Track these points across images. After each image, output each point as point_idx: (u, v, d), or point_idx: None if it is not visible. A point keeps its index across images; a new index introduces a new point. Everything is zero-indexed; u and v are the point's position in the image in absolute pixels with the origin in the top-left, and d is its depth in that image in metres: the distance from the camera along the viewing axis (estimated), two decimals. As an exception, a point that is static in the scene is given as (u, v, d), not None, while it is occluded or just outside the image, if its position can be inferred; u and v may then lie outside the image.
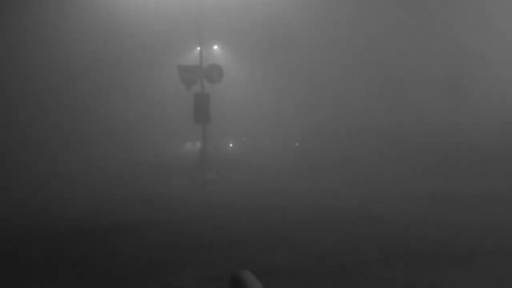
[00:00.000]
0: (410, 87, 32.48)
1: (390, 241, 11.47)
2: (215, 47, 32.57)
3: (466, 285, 8.62)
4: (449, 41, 32.45)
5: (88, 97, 34.75)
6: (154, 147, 33.91)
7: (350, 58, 34.40)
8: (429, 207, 15.51)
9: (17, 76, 33.15)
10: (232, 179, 23.78)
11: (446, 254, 10.30)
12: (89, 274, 9.84)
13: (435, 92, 31.53)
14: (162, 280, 9.33)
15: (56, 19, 32.82)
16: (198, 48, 25.06)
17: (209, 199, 18.99)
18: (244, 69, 34.76)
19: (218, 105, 26.82)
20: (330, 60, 34.72)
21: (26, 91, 33.04)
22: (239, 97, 34.94)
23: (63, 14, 32.85)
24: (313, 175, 24.59)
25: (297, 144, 34.43)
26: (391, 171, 24.09)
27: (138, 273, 9.79)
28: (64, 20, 32.93)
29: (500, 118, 27.42)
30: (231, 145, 36.50)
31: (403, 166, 24.99)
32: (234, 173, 25.17)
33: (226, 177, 23.92)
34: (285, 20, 33.91)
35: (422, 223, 13.25)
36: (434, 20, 32.70)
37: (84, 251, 11.66)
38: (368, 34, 33.91)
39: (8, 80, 32.75)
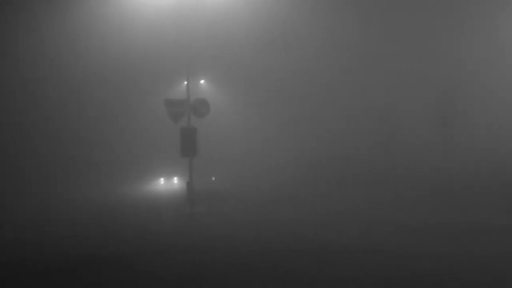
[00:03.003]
0: (402, 124, 33.15)
1: (384, 273, 11.55)
2: (202, 81, 32.88)
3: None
4: (442, 77, 33.23)
5: (76, 131, 34.69)
6: (139, 180, 33.84)
7: (341, 91, 34.96)
8: (424, 239, 15.62)
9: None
10: (221, 211, 23.75)
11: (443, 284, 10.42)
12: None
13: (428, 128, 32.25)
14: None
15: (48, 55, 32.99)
16: (185, 83, 25.19)
17: (197, 230, 18.99)
18: (231, 103, 35.02)
19: (205, 139, 26.92)
20: (318, 93, 35.24)
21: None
22: (226, 131, 35.12)
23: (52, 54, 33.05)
24: (302, 205, 24.65)
25: (213, 178, 34.62)
26: (385, 203, 24.19)
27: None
28: (53, 57, 33.13)
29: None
30: (213, 178, 36.34)
31: (397, 198, 25.18)
32: (223, 205, 25.13)
33: (215, 209, 23.86)
34: (272, 54, 34.43)
35: (417, 254, 13.37)
36: (426, 57, 33.49)
37: (74, 283, 11.64)
38: (359, 72, 34.55)
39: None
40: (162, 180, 35.73)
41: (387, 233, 16.91)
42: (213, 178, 35.90)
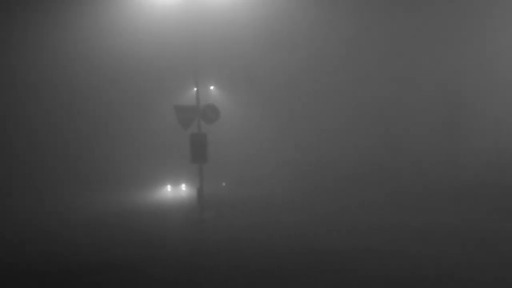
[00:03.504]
0: (405, 123, 33.18)
1: (386, 274, 11.63)
2: (212, 87, 33.12)
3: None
4: (444, 76, 33.22)
5: (85, 138, 34.89)
6: (144, 188, 33.86)
7: (345, 93, 35.03)
8: (427, 241, 15.66)
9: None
10: (230, 216, 23.79)
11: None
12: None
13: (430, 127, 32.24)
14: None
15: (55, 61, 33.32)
16: (195, 89, 25.35)
17: (206, 236, 19.10)
18: (240, 109, 35.18)
19: (215, 145, 27.05)
20: (325, 99, 35.33)
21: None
22: (236, 137, 35.23)
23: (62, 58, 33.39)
24: (308, 209, 24.67)
25: (224, 184, 34.40)
26: (388, 206, 24.14)
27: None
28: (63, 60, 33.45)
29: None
30: (224, 184, 36.40)
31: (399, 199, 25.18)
32: (232, 210, 25.19)
33: (224, 215, 23.88)
34: (280, 60, 34.59)
35: (419, 256, 13.44)
36: (430, 54, 33.47)
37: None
38: (363, 72, 34.60)
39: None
40: (169, 187, 35.09)
41: (391, 234, 16.96)
42: (223, 184, 36.01)
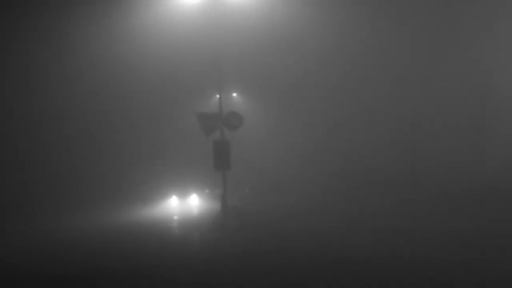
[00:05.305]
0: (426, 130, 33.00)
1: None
2: (234, 94, 33.12)
3: None
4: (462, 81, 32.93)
5: (106, 144, 34.96)
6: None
7: (365, 102, 34.84)
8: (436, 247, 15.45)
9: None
10: (253, 224, 23.65)
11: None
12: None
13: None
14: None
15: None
16: (218, 96, 25.33)
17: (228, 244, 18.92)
18: (263, 116, 35.10)
19: (238, 152, 26.94)
20: (345, 106, 35.21)
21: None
22: (258, 144, 35.14)
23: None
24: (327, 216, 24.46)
25: (247, 190, 34.04)
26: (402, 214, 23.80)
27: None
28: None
29: None
30: (247, 191, 36.21)
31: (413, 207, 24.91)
32: (255, 218, 25.04)
33: (247, 223, 23.70)
34: (303, 66, 34.51)
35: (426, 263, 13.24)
36: (453, 60, 33.13)
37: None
38: (381, 78, 34.40)
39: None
40: (174, 198, 32.66)
41: (410, 240, 16.77)
42: (246, 190, 35.84)
